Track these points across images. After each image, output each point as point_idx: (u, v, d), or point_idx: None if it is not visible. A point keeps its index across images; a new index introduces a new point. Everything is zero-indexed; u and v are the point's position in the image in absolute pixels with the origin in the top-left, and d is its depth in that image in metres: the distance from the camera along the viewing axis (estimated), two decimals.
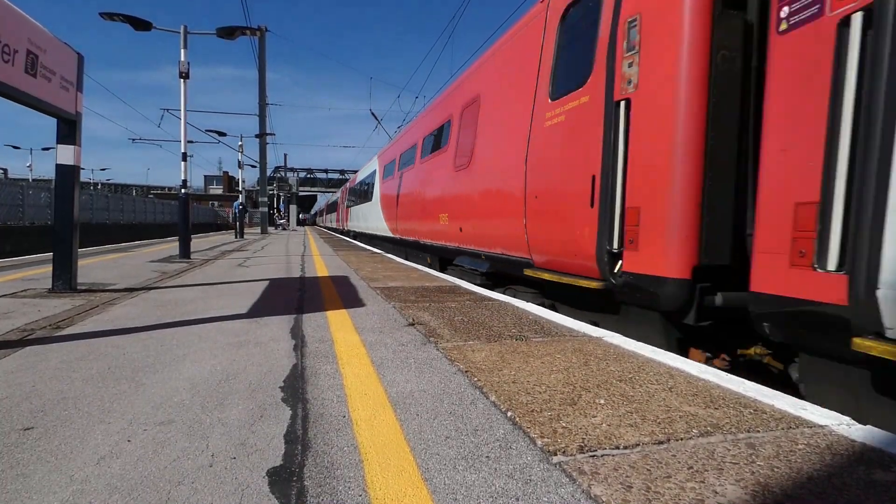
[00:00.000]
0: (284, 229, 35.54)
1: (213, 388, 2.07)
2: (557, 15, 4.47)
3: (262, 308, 4.00)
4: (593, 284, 3.68)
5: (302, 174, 59.62)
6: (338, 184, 54.07)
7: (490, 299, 4.44)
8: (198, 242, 15.14)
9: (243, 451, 1.50)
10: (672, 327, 3.36)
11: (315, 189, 63.21)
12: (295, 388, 2.07)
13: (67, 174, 4.76)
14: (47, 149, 40.47)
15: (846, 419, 1.74)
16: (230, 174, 72.28)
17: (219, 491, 1.29)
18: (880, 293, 1.99)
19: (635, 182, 3.34)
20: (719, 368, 2.45)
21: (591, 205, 3.70)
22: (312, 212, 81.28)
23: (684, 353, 3.32)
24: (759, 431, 1.63)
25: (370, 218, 15.60)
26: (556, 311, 4.39)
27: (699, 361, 3.01)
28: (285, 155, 73.62)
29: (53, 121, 4.69)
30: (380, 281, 5.75)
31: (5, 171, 55.76)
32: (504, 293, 5.32)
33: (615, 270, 3.53)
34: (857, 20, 2.13)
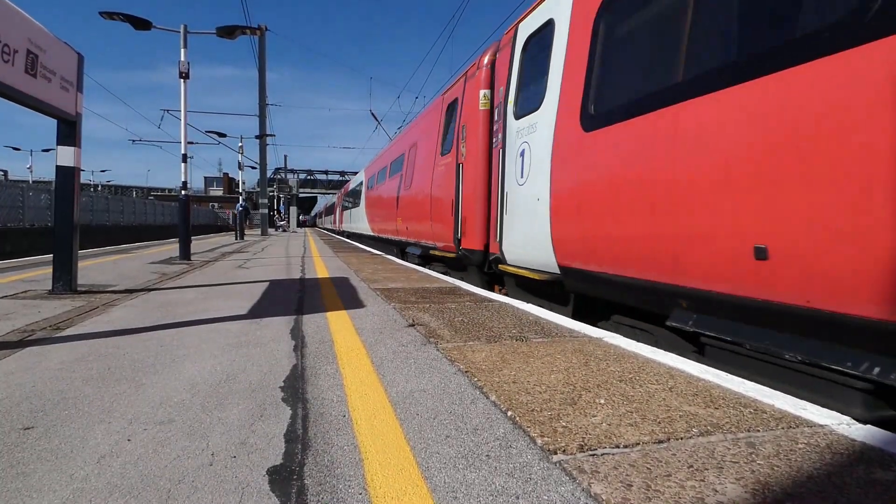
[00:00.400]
0: (284, 231, 35.53)
1: (214, 388, 2.07)
2: (443, 108, 7.82)
3: (262, 309, 4.00)
4: (452, 255, 6.92)
5: (302, 175, 59.68)
6: (338, 185, 54.15)
7: (490, 300, 4.44)
8: (198, 244, 15.14)
9: (243, 451, 1.50)
10: (483, 274, 6.34)
11: (315, 190, 63.24)
12: (295, 388, 2.07)
13: (67, 175, 4.77)
14: (47, 150, 40.48)
15: (846, 419, 1.74)
16: (230, 175, 72.35)
17: (219, 489, 1.29)
18: (503, 247, 4.73)
19: (464, 204, 6.33)
20: (501, 294, 4.84)
21: (453, 215, 6.69)
22: (313, 213, 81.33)
23: (491, 288, 6.33)
24: (759, 431, 1.63)
25: (359, 220, 19.65)
26: (448, 275, 6.98)
27: (499, 293, 5.31)
28: (285, 156, 73.67)
29: (53, 122, 4.69)
30: (380, 282, 5.75)
31: (5, 172, 55.79)
32: (429, 267, 8.26)
33: (459, 248, 6.43)
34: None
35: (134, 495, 1.26)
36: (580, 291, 4.06)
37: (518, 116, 4.92)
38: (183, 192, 9.35)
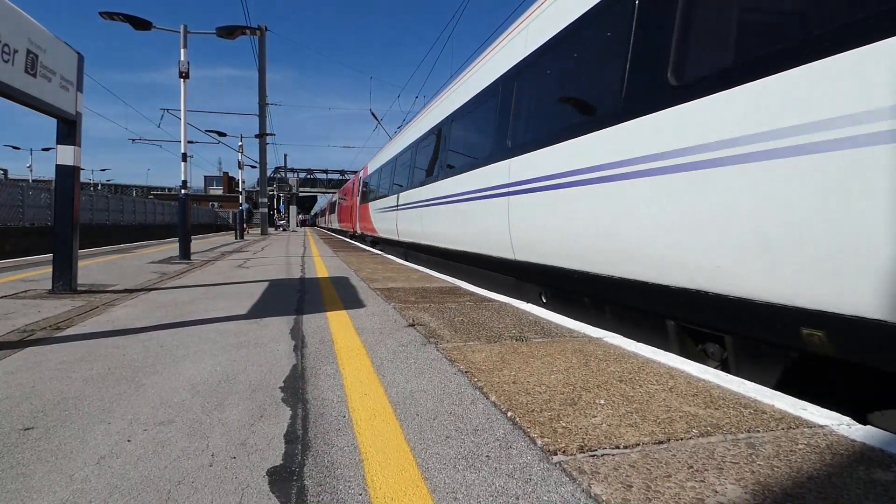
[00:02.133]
0: (284, 230, 35.52)
1: (214, 389, 2.07)
2: (359, 179, 19.91)
3: (262, 309, 4.00)
4: (353, 232, 18.24)
5: (302, 175, 59.62)
6: (338, 184, 54.12)
7: (490, 300, 4.44)
8: (198, 243, 15.14)
9: (243, 451, 1.50)
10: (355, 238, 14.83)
11: (315, 190, 63.20)
12: (295, 389, 2.07)
13: (67, 175, 4.76)
14: (47, 149, 40.45)
15: (846, 419, 1.74)
16: (230, 175, 72.29)
17: (219, 490, 1.29)
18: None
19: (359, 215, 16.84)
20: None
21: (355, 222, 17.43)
22: (313, 213, 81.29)
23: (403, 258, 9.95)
24: (759, 431, 1.63)
25: (346, 220, 27.35)
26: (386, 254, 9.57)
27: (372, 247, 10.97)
28: (285, 155, 73.62)
29: (53, 121, 4.69)
30: (380, 282, 5.75)
31: (5, 171, 55.72)
32: (374, 247, 12.38)
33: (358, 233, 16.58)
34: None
35: (134, 496, 1.26)
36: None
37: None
38: (183, 192, 9.34)
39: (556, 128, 4.22)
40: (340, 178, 58.12)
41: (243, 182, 26.14)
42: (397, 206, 10.86)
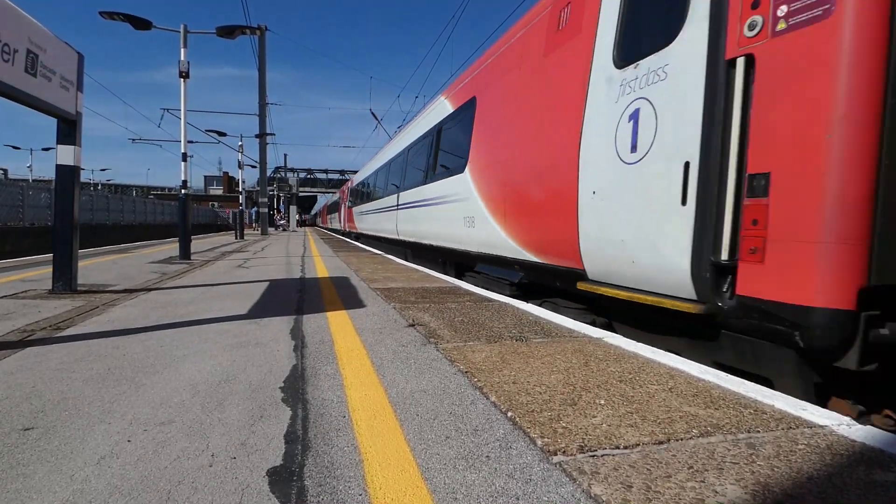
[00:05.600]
0: (284, 230, 35.53)
1: (214, 389, 2.07)
2: (346, 189, 25.93)
3: (262, 309, 4.00)
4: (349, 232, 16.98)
5: (302, 174, 59.58)
6: (338, 184, 54.13)
7: (490, 300, 4.44)
8: (198, 243, 15.14)
9: (243, 451, 1.50)
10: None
11: (315, 189, 63.17)
12: (295, 389, 2.07)
13: (67, 174, 4.76)
14: (47, 149, 40.46)
15: (846, 419, 1.74)
16: (230, 174, 72.29)
17: (219, 490, 1.29)
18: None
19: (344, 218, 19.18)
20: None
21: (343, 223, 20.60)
22: (313, 212, 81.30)
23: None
24: (759, 432, 1.63)
25: (337, 221, 31.01)
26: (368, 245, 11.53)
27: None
28: (285, 155, 73.62)
29: (53, 121, 4.69)
30: (380, 282, 5.75)
31: (5, 171, 55.71)
32: (358, 240, 15.63)
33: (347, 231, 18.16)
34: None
35: (134, 496, 1.26)
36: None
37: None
38: (183, 191, 9.34)
39: (409, 183, 9.88)
40: (340, 178, 58.09)
41: (243, 182, 26.16)
42: (360, 212, 18.67)
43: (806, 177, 2.25)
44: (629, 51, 3.41)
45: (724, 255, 2.60)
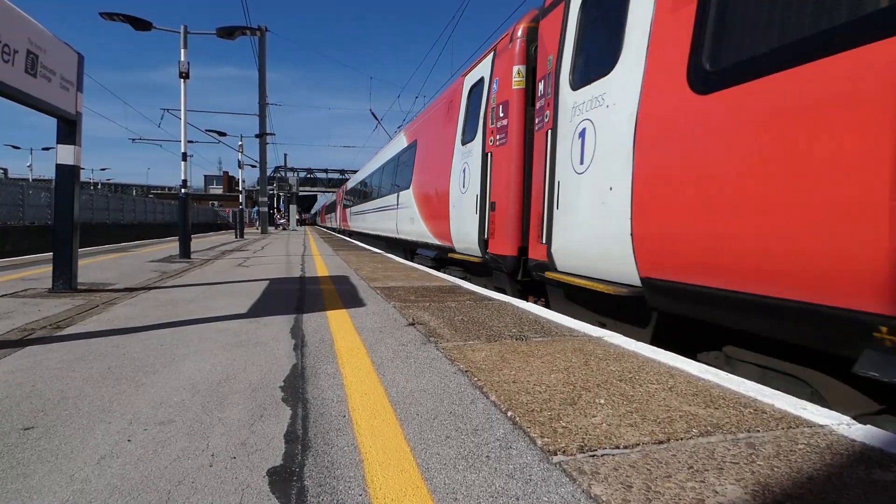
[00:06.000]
0: (284, 229, 35.53)
1: (214, 388, 2.07)
2: (342, 191, 29.96)
3: (262, 308, 4.00)
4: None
5: (302, 174, 59.56)
6: (337, 183, 54.15)
7: (490, 299, 4.44)
8: (198, 242, 15.14)
9: (243, 451, 1.50)
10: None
11: (315, 189, 63.16)
12: (295, 388, 2.07)
13: (67, 174, 4.76)
14: (47, 149, 40.46)
15: (846, 419, 1.74)
16: (230, 174, 72.27)
17: (219, 490, 1.29)
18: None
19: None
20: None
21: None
22: (312, 212, 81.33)
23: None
24: (759, 431, 1.63)
25: (334, 220, 34.11)
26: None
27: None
28: (285, 155, 73.61)
29: (53, 121, 4.69)
30: (380, 281, 5.75)
31: (5, 170, 55.74)
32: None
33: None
34: None
35: (134, 496, 1.26)
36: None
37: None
38: (183, 191, 9.35)
39: (382, 193, 13.70)
40: (340, 177, 58.09)
41: (243, 181, 26.17)
42: (351, 212, 22.57)
43: (503, 204, 5.35)
44: (467, 137, 6.66)
45: (486, 236, 5.86)
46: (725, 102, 2.51)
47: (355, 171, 29.05)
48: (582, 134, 3.86)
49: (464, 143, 6.73)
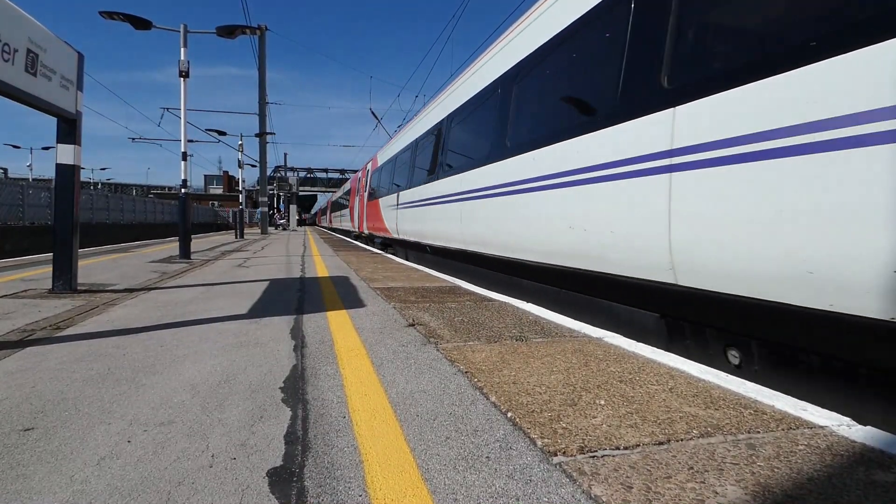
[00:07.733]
0: (285, 229, 35.53)
1: (214, 389, 2.07)
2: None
3: (262, 308, 4.00)
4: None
5: (302, 174, 59.58)
6: (338, 183, 54.20)
7: (490, 300, 4.44)
8: (198, 242, 15.14)
9: (243, 452, 1.50)
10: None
11: (315, 189, 63.19)
12: (295, 389, 2.07)
13: (67, 174, 4.76)
14: (47, 148, 40.46)
15: (846, 420, 1.74)
16: (230, 174, 72.26)
17: (219, 491, 1.29)
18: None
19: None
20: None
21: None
22: (313, 212, 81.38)
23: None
24: (759, 432, 1.63)
25: (340, 220, 32.75)
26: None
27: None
28: (285, 154, 73.63)
29: (54, 120, 4.69)
30: (380, 281, 5.75)
31: (5, 170, 55.68)
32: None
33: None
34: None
35: (134, 497, 1.26)
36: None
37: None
38: (183, 191, 9.34)
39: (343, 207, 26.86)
40: (340, 177, 58.13)
41: (243, 181, 26.14)
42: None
43: (357, 213, 19.09)
44: (373, 194, 14.74)
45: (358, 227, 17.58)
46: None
47: (355, 171, 28.35)
48: (361, 199, 16.91)
49: (373, 198, 15.08)
